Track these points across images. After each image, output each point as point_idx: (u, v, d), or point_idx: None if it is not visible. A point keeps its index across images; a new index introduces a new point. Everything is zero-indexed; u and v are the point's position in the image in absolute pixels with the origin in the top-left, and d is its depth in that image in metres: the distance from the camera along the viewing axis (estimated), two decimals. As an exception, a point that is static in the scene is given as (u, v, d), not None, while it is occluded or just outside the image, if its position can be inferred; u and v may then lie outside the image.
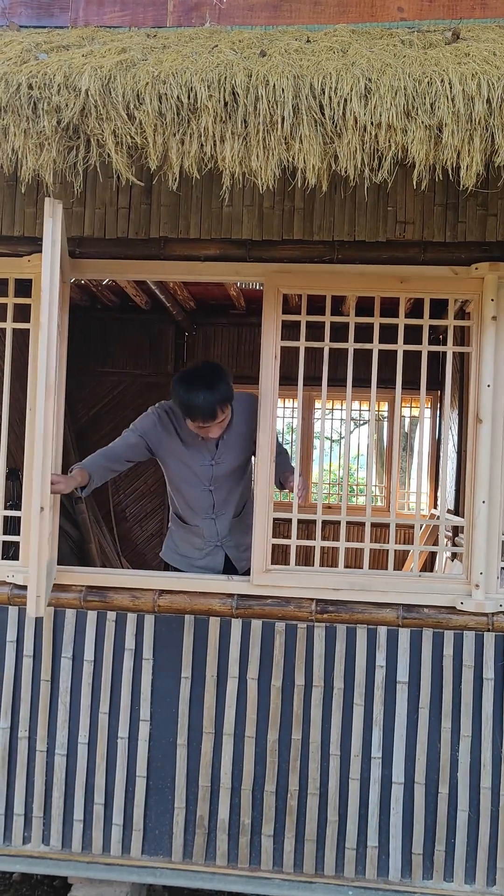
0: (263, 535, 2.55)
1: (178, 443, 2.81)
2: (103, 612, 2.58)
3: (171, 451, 2.83)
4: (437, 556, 5.12)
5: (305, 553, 5.39)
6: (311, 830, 2.50)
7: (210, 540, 2.89)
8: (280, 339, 2.57)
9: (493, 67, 1.91)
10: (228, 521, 2.89)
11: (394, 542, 2.61)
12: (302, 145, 1.89)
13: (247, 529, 2.83)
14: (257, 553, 2.54)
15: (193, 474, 2.82)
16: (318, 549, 2.63)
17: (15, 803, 2.59)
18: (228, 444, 2.80)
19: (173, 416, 2.82)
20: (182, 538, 2.96)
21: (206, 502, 2.85)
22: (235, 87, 1.89)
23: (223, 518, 2.88)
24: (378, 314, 2.57)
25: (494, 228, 2.45)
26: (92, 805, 2.56)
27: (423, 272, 2.51)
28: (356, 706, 2.50)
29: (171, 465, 2.87)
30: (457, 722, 2.48)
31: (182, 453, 2.81)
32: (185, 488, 2.86)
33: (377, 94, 1.87)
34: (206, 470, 2.81)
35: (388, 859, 2.48)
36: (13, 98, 1.95)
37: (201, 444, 2.79)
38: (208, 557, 2.90)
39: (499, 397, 2.49)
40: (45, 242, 2.11)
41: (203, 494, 2.84)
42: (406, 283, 2.53)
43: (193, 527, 2.91)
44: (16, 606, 2.61)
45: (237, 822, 2.52)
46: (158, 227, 2.54)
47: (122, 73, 1.96)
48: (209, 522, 2.87)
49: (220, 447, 2.80)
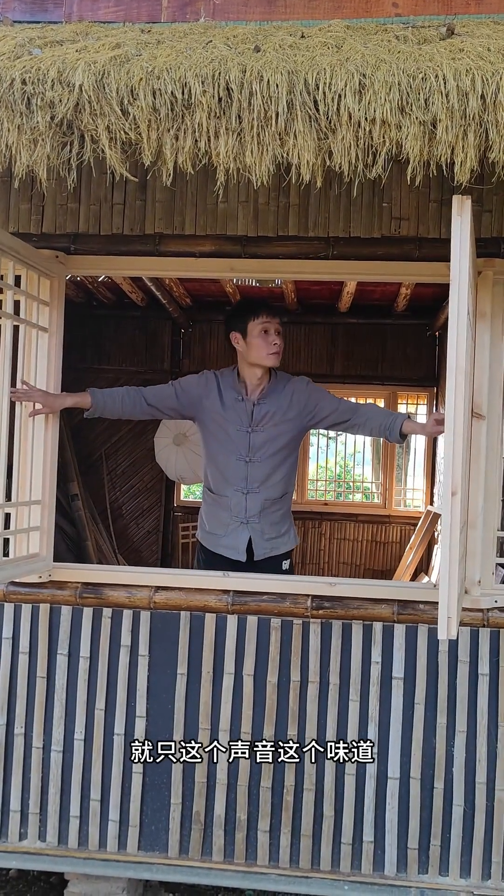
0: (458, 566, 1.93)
1: (217, 403, 2.78)
2: (99, 608, 2.58)
3: (209, 412, 2.80)
4: (432, 552, 5.13)
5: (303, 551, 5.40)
6: (307, 826, 2.50)
7: (237, 515, 2.80)
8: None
9: (487, 63, 1.91)
10: (260, 502, 2.79)
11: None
12: (296, 141, 1.88)
13: (278, 519, 2.82)
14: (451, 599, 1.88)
15: (230, 438, 2.78)
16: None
17: (11, 799, 2.59)
18: (272, 417, 2.77)
19: (219, 379, 2.83)
20: (210, 514, 2.89)
21: (240, 473, 2.78)
22: (230, 82, 1.89)
23: (255, 496, 2.79)
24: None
25: (489, 225, 2.46)
26: (88, 801, 2.57)
27: (419, 269, 2.51)
28: (352, 702, 2.51)
29: (208, 426, 2.83)
30: (452, 717, 2.48)
31: (220, 414, 2.78)
32: (219, 454, 2.81)
33: (371, 90, 1.86)
34: (242, 436, 2.76)
35: (383, 854, 2.49)
36: (6, 93, 1.94)
37: (241, 408, 2.77)
38: (232, 535, 2.81)
39: (494, 393, 2.49)
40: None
41: (238, 464, 2.77)
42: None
43: (222, 497, 2.83)
44: (11, 603, 2.61)
45: (233, 818, 2.52)
46: (153, 223, 2.54)
47: (116, 68, 1.95)
48: (239, 496, 2.79)
49: (261, 415, 2.76)
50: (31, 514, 2.59)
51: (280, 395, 2.79)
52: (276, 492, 2.82)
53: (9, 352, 2.32)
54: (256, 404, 2.78)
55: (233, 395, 2.79)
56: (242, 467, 2.78)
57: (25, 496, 2.58)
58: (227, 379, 2.82)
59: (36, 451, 2.58)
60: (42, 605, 2.60)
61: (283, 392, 2.79)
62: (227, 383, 2.81)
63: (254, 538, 2.81)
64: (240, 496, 2.80)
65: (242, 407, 2.78)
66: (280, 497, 2.85)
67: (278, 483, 2.82)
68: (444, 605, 1.87)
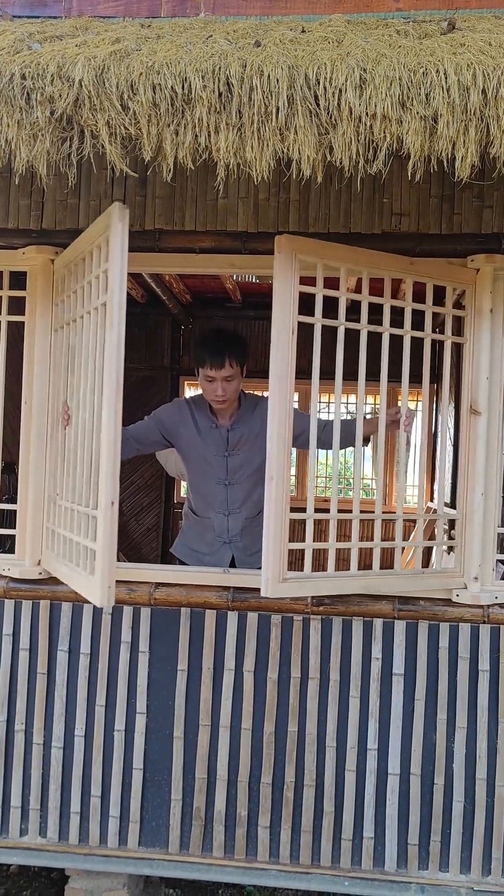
0: (278, 540, 2.26)
1: (193, 431, 2.86)
2: (99, 605, 2.58)
3: (186, 439, 2.88)
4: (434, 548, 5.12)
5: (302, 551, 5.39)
6: (308, 822, 2.51)
7: (220, 536, 2.91)
8: (297, 312, 2.25)
9: (488, 58, 1.90)
10: (241, 521, 2.91)
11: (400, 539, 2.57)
12: (297, 136, 1.87)
13: (259, 534, 2.83)
14: (272, 560, 2.23)
15: (208, 464, 2.86)
16: (332, 551, 2.42)
17: (12, 796, 2.59)
18: (246, 440, 2.85)
19: (192, 406, 2.91)
20: (194, 533, 2.99)
21: (220, 496, 2.88)
22: (230, 77, 1.88)
23: (236, 516, 2.90)
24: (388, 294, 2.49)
25: (490, 220, 2.45)
26: (89, 797, 2.57)
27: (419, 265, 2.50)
28: (352, 698, 2.51)
29: (187, 454, 2.92)
30: (452, 713, 2.48)
31: (197, 442, 2.86)
32: (199, 479, 2.91)
33: (372, 85, 1.85)
34: (220, 461, 2.85)
35: (383, 850, 2.49)
36: (6, 88, 1.93)
37: (216, 435, 2.84)
38: (216, 554, 2.92)
39: (495, 390, 2.49)
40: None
41: (218, 488, 2.87)
42: (415, 265, 2.48)
43: (205, 519, 2.93)
44: (11, 600, 2.61)
45: (234, 814, 2.53)
46: (154, 219, 2.53)
47: (116, 63, 1.94)
48: (221, 518, 2.90)
49: (236, 440, 2.84)
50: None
51: (251, 419, 2.86)
52: (256, 509, 2.89)
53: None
54: (230, 430, 2.86)
55: (207, 423, 2.88)
56: (222, 490, 2.87)
57: (27, 493, 2.57)
58: (200, 406, 2.89)
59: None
60: (42, 602, 2.60)
61: (254, 415, 2.86)
62: (201, 410, 2.88)
63: (237, 556, 2.92)
64: (222, 517, 2.89)
65: (218, 433, 2.86)
66: (259, 514, 2.89)
67: (258, 501, 2.87)
68: (265, 569, 2.19)
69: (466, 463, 2.53)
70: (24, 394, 2.62)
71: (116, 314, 2.00)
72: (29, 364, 2.61)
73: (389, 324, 2.47)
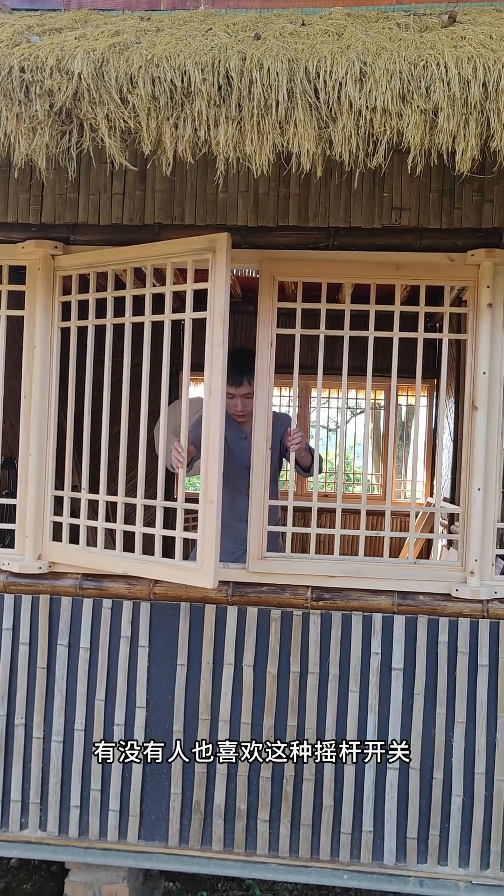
0: (259, 522, 2.56)
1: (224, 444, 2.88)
2: (99, 599, 2.59)
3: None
4: (433, 543, 5.14)
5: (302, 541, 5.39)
6: (307, 815, 2.51)
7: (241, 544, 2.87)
8: (276, 326, 2.62)
9: (489, 51, 1.89)
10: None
11: (389, 530, 2.61)
12: (296, 129, 1.87)
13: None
14: (253, 540, 2.55)
15: (240, 473, 2.92)
16: (313, 536, 2.62)
17: (12, 789, 2.60)
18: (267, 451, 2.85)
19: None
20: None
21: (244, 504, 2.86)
22: (229, 70, 1.87)
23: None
24: (374, 301, 2.57)
25: (491, 214, 2.44)
26: (89, 791, 2.58)
27: (419, 259, 2.50)
28: (351, 692, 2.52)
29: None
30: (451, 708, 2.49)
31: (227, 454, 2.89)
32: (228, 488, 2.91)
33: (372, 78, 1.85)
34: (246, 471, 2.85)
35: (382, 844, 2.50)
36: (5, 81, 1.93)
37: (245, 447, 2.91)
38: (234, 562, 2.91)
39: (494, 385, 2.49)
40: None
41: (242, 497, 2.90)
42: (402, 269, 2.52)
43: (227, 528, 2.93)
44: (11, 594, 2.61)
45: (233, 808, 2.53)
46: (153, 212, 2.53)
47: (116, 56, 1.94)
48: (243, 526, 2.86)
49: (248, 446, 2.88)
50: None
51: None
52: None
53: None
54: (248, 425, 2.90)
55: (235, 435, 2.97)
56: (244, 500, 2.85)
57: (27, 488, 2.57)
58: (227, 418, 2.92)
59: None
60: (42, 597, 2.60)
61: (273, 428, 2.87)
62: (228, 422, 2.91)
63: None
64: (244, 526, 2.85)
65: (246, 444, 2.90)
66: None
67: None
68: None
69: (466, 458, 2.53)
70: (23, 388, 2.62)
71: (221, 335, 2.48)
72: (28, 358, 2.61)
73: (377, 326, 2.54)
